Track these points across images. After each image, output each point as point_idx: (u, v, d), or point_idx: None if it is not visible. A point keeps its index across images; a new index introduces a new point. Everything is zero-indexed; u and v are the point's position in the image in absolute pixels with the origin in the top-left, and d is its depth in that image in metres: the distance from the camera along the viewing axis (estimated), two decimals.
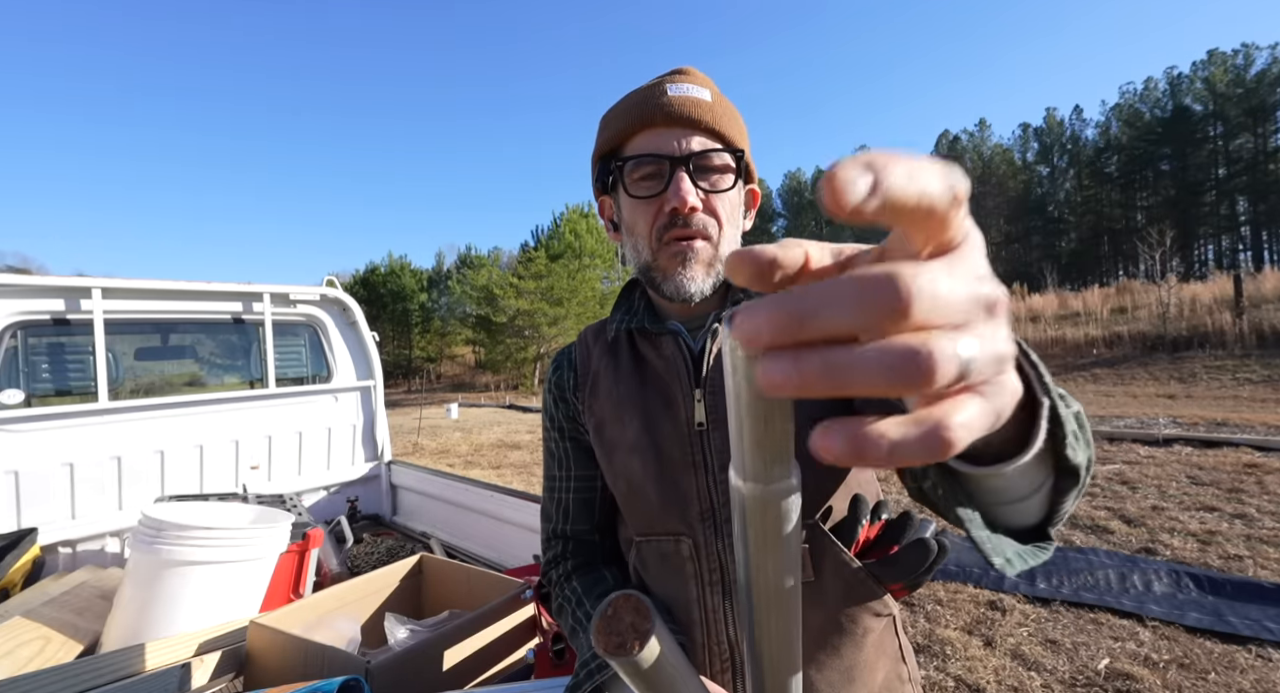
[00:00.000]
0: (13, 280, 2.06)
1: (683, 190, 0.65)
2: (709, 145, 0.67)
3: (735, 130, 0.70)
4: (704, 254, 0.68)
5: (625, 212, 0.72)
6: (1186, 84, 44.15)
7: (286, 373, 2.73)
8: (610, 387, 0.75)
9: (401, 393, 29.30)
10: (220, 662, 1.27)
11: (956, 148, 52.78)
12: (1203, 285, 19.05)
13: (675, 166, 0.66)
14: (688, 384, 0.70)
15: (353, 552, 2.32)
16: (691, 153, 0.66)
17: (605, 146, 0.72)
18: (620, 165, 0.69)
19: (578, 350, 0.83)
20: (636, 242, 0.71)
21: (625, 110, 0.70)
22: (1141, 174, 46.11)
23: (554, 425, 0.82)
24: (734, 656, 0.67)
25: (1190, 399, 10.90)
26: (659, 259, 0.69)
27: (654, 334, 0.74)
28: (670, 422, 0.69)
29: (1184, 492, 5.04)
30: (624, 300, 0.80)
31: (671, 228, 0.67)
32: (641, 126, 0.68)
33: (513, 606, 1.38)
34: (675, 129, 0.67)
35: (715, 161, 0.68)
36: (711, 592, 0.67)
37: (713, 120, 0.67)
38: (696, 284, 0.68)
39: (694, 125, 0.67)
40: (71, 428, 2.11)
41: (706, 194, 0.67)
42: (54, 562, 2.03)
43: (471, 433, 11.71)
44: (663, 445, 0.69)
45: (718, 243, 0.69)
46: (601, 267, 25.98)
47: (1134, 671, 2.55)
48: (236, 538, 1.47)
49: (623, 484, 0.72)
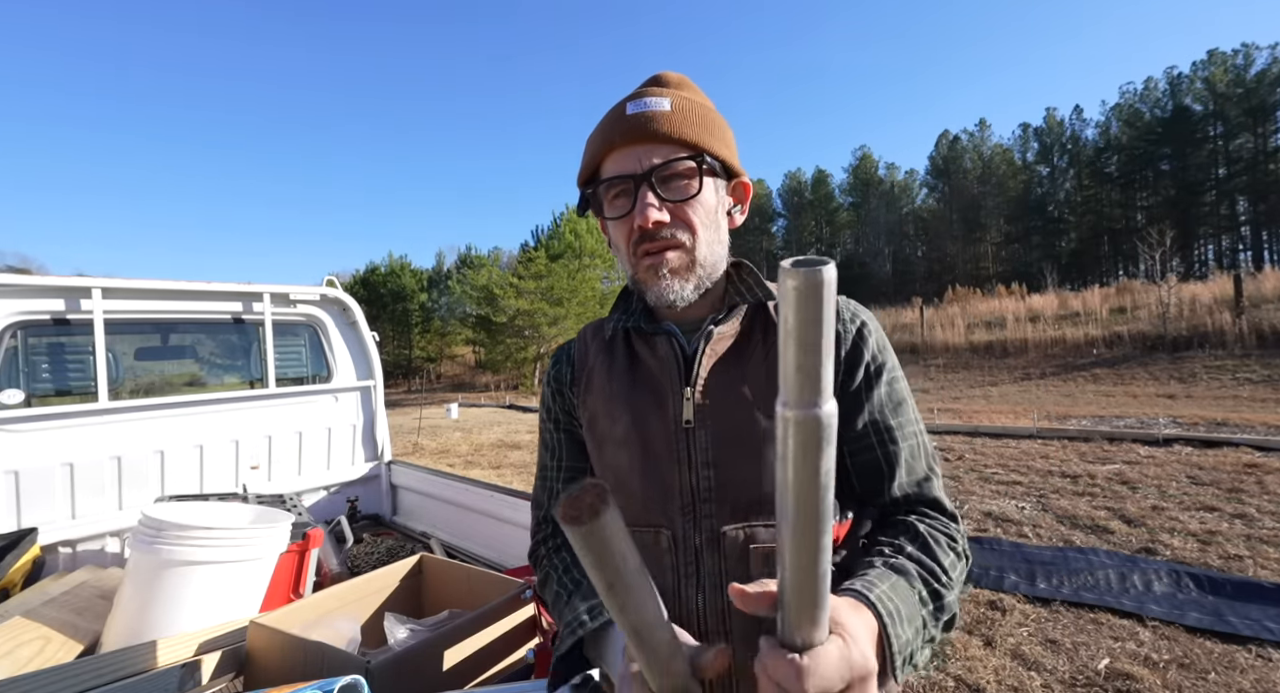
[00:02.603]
0: (13, 280, 2.06)
1: (645, 207, 0.67)
2: (671, 155, 0.68)
3: (699, 132, 0.70)
4: (676, 262, 0.70)
5: (610, 230, 0.76)
6: (1186, 84, 44.13)
7: (286, 373, 2.73)
8: (604, 383, 0.78)
9: (401, 393, 29.31)
10: (220, 662, 1.27)
11: (956, 148, 52.78)
12: (1203, 285, 19.04)
13: (639, 184, 0.68)
14: (678, 383, 0.72)
15: (353, 552, 2.32)
16: (653, 167, 0.68)
17: (586, 172, 0.75)
18: (593, 191, 0.73)
19: (577, 347, 0.86)
20: (621, 257, 0.75)
21: (596, 134, 0.73)
22: (1141, 174, 46.10)
23: (550, 417, 0.86)
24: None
25: (1190, 399, 10.90)
26: (638, 272, 0.73)
27: (649, 334, 0.77)
28: (659, 418, 0.72)
29: (1184, 492, 5.04)
30: (622, 301, 0.83)
31: (643, 242, 0.70)
32: (609, 149, 0.71)
33: (513, 606, 1.38)
34: (636, 146, 0.69)
35: (678, 168, 0.69)
36: (686, 584, 0.68)
37: (670, 130, 0.68)
38: (675, 292, 0.71)
39: (652, 138, 0.68)
40: (71, 428, 2.11)
41: (675, 203, 0.69)
42: (54, 562, 2.03)
43: (471, 433, 11.71)
44: (650, 441, 0.71)
45: (694, 247, 0.71)
46: (601, 266, 25.96)
47: (1134, 671, 2.55)
48: (236, 538, 1.47)
49: (610, 476, 0.75)
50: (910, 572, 0.61)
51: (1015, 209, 49.90)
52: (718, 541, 0.67)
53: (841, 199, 62.30)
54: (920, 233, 56.10)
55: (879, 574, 0.59)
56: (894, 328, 22.57)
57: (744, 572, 0.66)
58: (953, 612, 0.63)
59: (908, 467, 0.71)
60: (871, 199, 57.37)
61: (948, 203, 53.07)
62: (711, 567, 0.67)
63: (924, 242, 56.02)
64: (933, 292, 34.92)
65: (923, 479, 0.71)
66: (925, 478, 0.72)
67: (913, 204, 57.38)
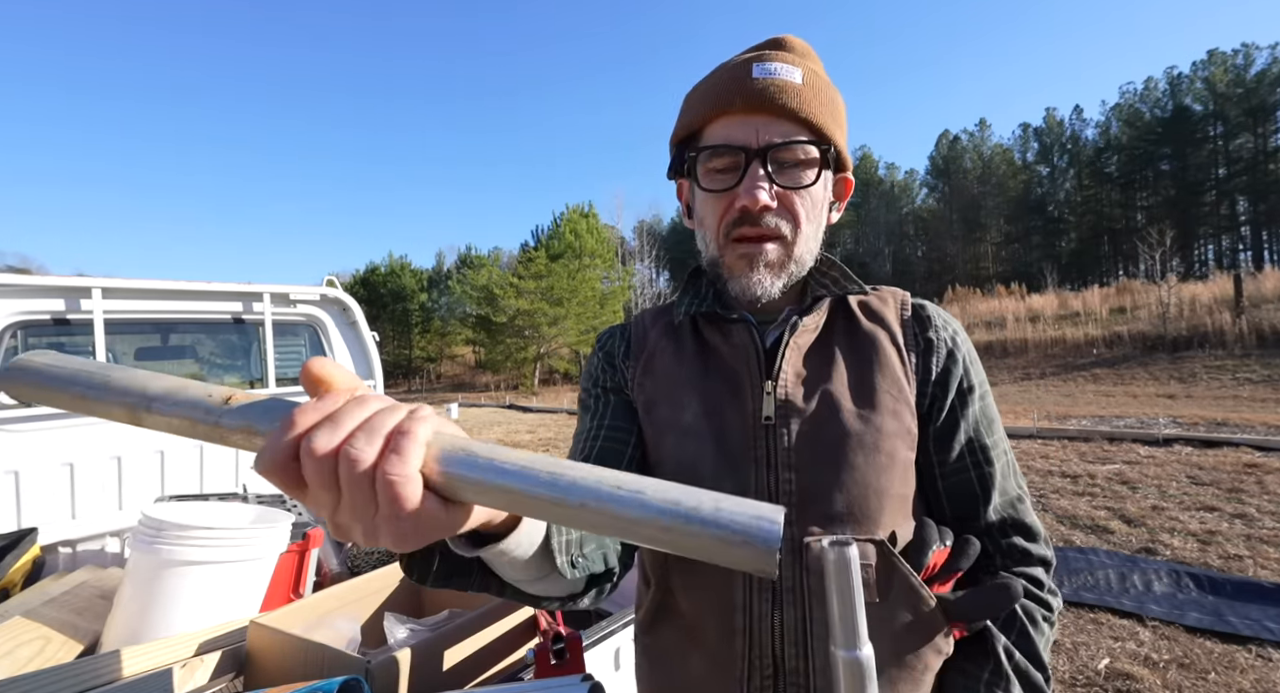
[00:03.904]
0: (13, 280, 2.06)
1: (756, 187, 0.61)
2: (792, 136, 0.61)
3: (826, 116, 0.63)
4: (774, 256, 0.64)
5: (697, 202, 0.69)
6: (1186, 84, 44.15)
7: (287, 373, 2.73)
8: (669, 367, 0.71)
9: (402, 393, 29.33)
10: (220, 662, 1.27)
11: (956, 148, 52.79)
12: (1203, 285, 19.05)
13: (751, 159, 0.61)
14: (758, 375, 0.65)
15: (353, 552, 2.32)
16: (771, 144, 0.61)
17: (683, 131, 0.68)
18: (695, 154, 0.65)
19: (633, 328, 0.78)
20: (706, 235, 0.68)
21: (706, 91, 0.65)
22: (1141, 174, 46.12)
23: (597, 384, 0.76)
24: (778, 672, 0.60)
25: (1190, 399, 10.90)
26: (726, 257, 0.66)
27: (724, 321, 0.69)
28: (736, 411, 0.65)
29: (1184, 492, 5.04)
30: (690, 287, 0.75)
31: (741, 225, 0.63)
32: (720, 112, 0.63)
33: (513, 606, 1.38)
34: (756, 116, 0.61)
35: (798, 154, 0.62)
36: (760, 598, 0.60)
37: (799, 106, 0.61)
38: (764, 288, 0.65)
39: (778, 112, 0.61)
40: (71, 428, 2.11)
41: (784, 190, 0.62)
42: (54, 562, 2.03)
43: (471, 433, 11.66)
44: (725, 434, 0.64)
45: (792, 242, 0.65)
46: (601, 266, 26.01)
47: (1134, 670, 2.55)
48: (236, 538, 1.47)
49: (671, 466, 0.66)
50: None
51: (1015, 209, 49.91)
52: (799, 552, 0.60)
53: None
54: (920, 233, 56.12)
55: None
56: None
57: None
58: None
59: (1000, 488, 0.66)
60: (871, 199, 57.34)
61: (948, 203, 53.07)
62: (791, 581, 0.60)
63: (924, 242, 56.04)
64: (933, 292, 34.94)
65: (1015, 500, 0.67)
66: (1018, 499, 0.68)
67: (913, 204, 57.40)
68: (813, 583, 0.59)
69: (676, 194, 0.75)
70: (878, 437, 0.62)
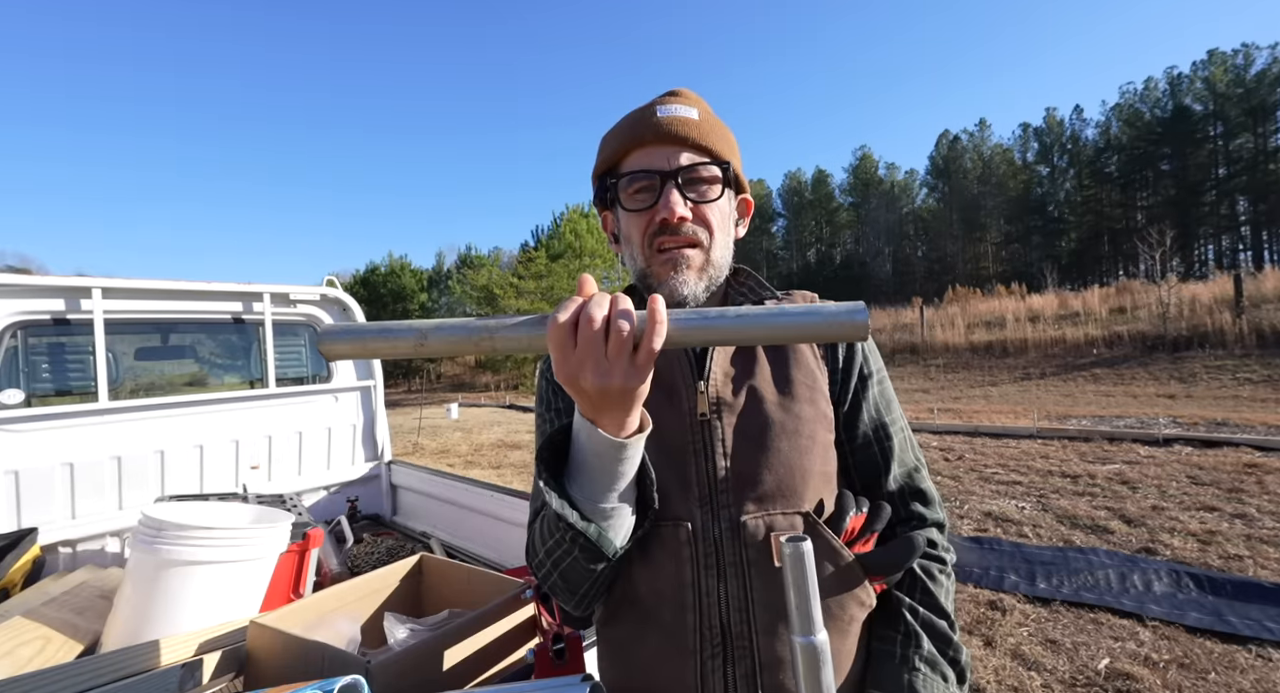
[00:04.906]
0: (13, 280, 2.06)
1: (672, 201, 0.70)
2: (696, 159, 0.73)
3: (722, 145, 0.75)
4: (695, 260, 0.73)
5: (622, 223, 0.78)
6: (1186, 84, 44.15)
7: (286, 373, 2.73)
8: None
9: (401, 393, 29.30)
10: (220, 662, 1.26)
11: (956, 148, 52.77)
12: (1203, 285, 19.04)
13: (665, 180, 0.71)
14: (690, 376, 0.74)
15: (353, 552, 2.32)
16: (680, 167, 0.72)
17: (603, 165, 0.78)
18: (615, 182, 0.75)
19: None
20: (633, 250, 0.77)
21: (620, 131, 0.76)
22: (1141, 174, 46.11)
23: (551, 408, 0.83)
24: (726, 640, 0.68)
25: (1190, 399, 10.89)
26: (652, 265, 0.75)
27: None
28: (672, 411, 0.73)
29: (1184, 492, 5.04)
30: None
31: (662, 235, 0.73)
32: (635, 145, 0.74)
33: (513, 606, 1.38)
34: (665, 146, 0.73)
35: (703, 173, 0.73)
36: (706, 575, 0.69)
37: (699, 137, 0.73)
38: (689, 288, 0.73)
39: (682, 142, 0.72)
40: (71, 428, 2.11)
41: (696, 204, 0.73)
42: (54, 562, 2.03)
43: (471, 433, 11.71)
44: (666, 434, 0.72)
45: (709, 249, 0.74)
46: (602, 266, 25.95)
47: (1134, 671, 2.55)
48: (236, 538, 1.47)
49: None
50: (940, 663, 0.72)
51: (1015, 209, 49.90)
52: (737, 530, 0.69)
53: (842, 199, 62.33)
54: (920, 233, 56.11)
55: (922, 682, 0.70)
56: (894, 328, 22.56)
57: (765, 560, 0.68)
58: (967, 663, 0.75)
59: (900, 460, 0.78)
60: (872, 199, 57.37)
61: (948, 203, 53.06)
62: (732, 556, 0.69)
63: (924, 242, 56.03)
64: (933, 292, 34.93)
65: (913, 470, 0.79)
66: (915, 469, 0.80)
67: (913, 204, 57.40)
68: (751, 556, 0.69)
69: (602, 225, 0.85)
70: (798, 423, 0.72)
